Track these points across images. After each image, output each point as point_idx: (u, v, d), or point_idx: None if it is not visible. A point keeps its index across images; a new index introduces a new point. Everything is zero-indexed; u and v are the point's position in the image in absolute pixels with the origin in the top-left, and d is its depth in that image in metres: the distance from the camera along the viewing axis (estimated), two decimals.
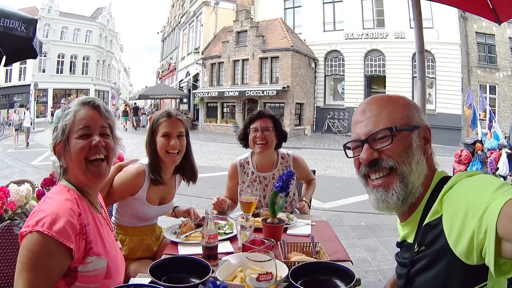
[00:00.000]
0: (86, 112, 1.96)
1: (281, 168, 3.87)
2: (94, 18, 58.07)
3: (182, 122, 3.14)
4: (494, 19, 4.19)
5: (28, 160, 16.22)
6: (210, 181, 3.77)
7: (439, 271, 1.40)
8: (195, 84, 38.07)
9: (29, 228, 1.65)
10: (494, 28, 27.16)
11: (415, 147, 1.56)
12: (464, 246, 1.29)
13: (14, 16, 4.57)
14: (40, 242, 1.62)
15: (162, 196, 3.21)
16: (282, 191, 2.94)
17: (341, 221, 7.70)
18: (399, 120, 1.58)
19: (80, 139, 1.91)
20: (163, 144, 3.01)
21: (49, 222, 1.65)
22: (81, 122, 1.93)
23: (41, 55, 5.60)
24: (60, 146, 1.92)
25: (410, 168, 1.54)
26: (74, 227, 1.73)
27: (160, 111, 3.21)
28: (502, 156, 11.02)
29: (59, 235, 1.64)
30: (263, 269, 1.64)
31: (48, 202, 1.80)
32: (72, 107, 1.97)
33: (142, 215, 3.13)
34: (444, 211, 1.41)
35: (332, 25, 33.52)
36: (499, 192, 1.22)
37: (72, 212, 1.75)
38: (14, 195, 3.38)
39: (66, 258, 1.70)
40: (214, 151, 20.78)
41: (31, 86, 42.41)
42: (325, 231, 3.12)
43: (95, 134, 1.94)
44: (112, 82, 64.73)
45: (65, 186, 1.92)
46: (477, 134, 13.63)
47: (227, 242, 2.77)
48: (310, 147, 24.44)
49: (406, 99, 1.66)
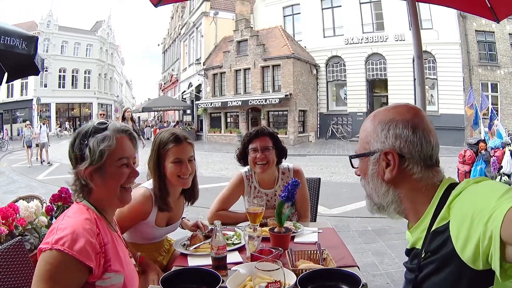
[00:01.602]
0: (125, 142, 2.02)
1: (282, 184, 3.78)
2: (93, 31, 58.48)
3: (192, 146, 3.08)
4: (492, 17, 4.22)
5: (34, 175, 16.28)
6: (216, 192, 3.79)
7: (446, 276, 1.42)
8: (198, 95, 38.14)
9: (49, 245, 1.68)
10: (494, 25, 27.08)
11: (370, 174, 1.67)
12: (470, 251, 1.31)
13: (15, 34, 4.57)
14: (60, 260, 1.66)
15: (170, 217, 3.18)
16: (288, 200, 2.96)
17: (348, 226, 7.71)
18: (361, 145, 1.71)
19: (120, 168, 1.96)
20: (175, 170, 2.93)
21: (70, 241, 1.69)
22: (122, 152, 1.98)
23: (43, 70, 5.60)
24: (92, 169, 1.91)
25: (371, 191, 1.70)
26: (94, 247, 1.77)
27: (166, 133, 3.07)
28: (505, 154, 10.96)
29: (80, 255, 1.68)
30: (271, 277, 1.68)
31: (68, 221, 1.82)
32: (111, 133, 1.97)
33: (149, 236, 3.13)
34: (452, 217, 1.43)
35: (331, 30, 33.56)
36: (504, 198, 1.25)
37: (91, 231, 1.79)
38: (23, 211, 3.42)
39: (85, 274, 1.75)
40: (219, 161, 20.78)
41: (33, 101, 42.60)
42: (332, 238, 3.15)
43: (131, 164, 2.03)
44: (115, 95, 64.99)
45: (84, 205, 1.94)
46: (480, 134, 13.60)
47: (236, 252, 2.79)
48: (315, 153, 24.40)
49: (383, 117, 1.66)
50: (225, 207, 3.80)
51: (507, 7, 4.19)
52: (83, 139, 1.95)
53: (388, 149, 1.59)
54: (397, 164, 1.57)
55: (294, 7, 35.89)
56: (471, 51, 28.22)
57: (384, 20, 30.58)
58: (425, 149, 1.57)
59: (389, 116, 1.63)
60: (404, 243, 1.76)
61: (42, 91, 47.85)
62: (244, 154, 3.79)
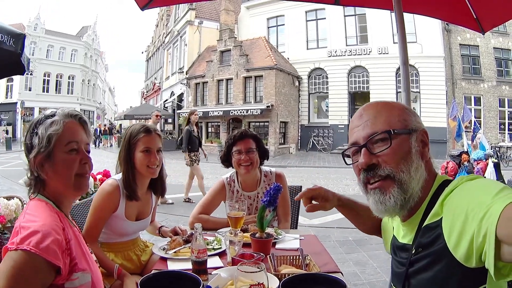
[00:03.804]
0: (74, 126, 1.91)
1: (264, 186, 3.85)
2: (79, 37, 58.27)
3: (160, 138, 3.20)
4: (478, 29, 4.27)
5: (16, 178, 16.09)
6: (196, 200, 3.74)
7: (437, 273, 1.41)
8: (180, 104, 38.09)
9: (14, 245, 1.58)
10: (478, 39, 27.78)
11: (413, 153, 1.55)
12: (463, 249, 1.30)
13: (2, 30, 4.54)
14: (25, 260, 1.56)
15: (139, 211, 3.21)
16: (270, 205, 2.92)
17: (329, 236, 7.70)
18: (396, 123, 1.58)
19: (69, 154, 1.84)
20: (144, 160, 3.04)
21: (36, 240, 1.59)
22: (70, 136, 1.86)
23: (28, 72, 5.56)
24: (42, 156, 1.81)
25: (409, 175, 1.53)
26: (61, 244, 1.67)
27: (136, 125, 3.20)
28: (488, 166, 11.11)
29: (47, 254, 1.58)
30: (254, 281, 1.64)
31: (30, 219, 1.71)
32: (59, 117, 1.87)
33: (121, 230, 3.13)
34: (444, 214, 1.42)
35: (315, 42, 33.90)
36: (499, 196, 1.23)
37: (57, 227, 1.70)
38: (3, 209, 3.40)
39: (51, 275, 1.64)
40: None
41: (17, 104, 42.23)
42: (314, 245, 3.11)
43: (82, 150, 1.90)
44: (98, 102, 64.71)
45: (42, 200, 1.83)
46: (463, 146, 13.77)
47: (216, 257, 2.74)
48: (295, 165, 24.42)
49: (402, 104, 1.68)
50: (206, 213, 3.79)
51: (492, 18, 4.24)
52: (33, 128, 1.87)
53: (423, 129, 1.61)
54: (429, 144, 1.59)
55: (278, 18, 36.16)
56: (455, 64, 28.80)
57: (368, 33, 31.00)
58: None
59: (402, 104, 1.68)
60: (386, 253, 1.72)
61: (27, 94, 47.48)
62: (228, 156, 3.82)
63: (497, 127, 28.89)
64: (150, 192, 3.33)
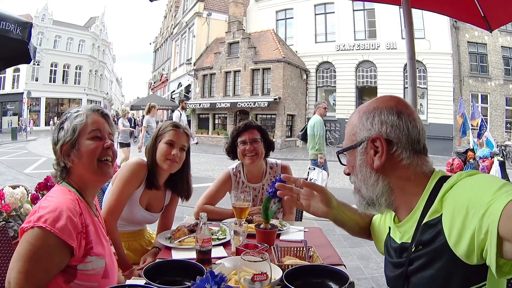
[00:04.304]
0: (97, 118, 2.05)
1: (269, 178, 3.86)
2: (87, 27, 58.19)
3: (188, 137, 3.23)
4: (485, 27, 4.25)
5: (21, 168, 16.20)
6: (202, 192, 3.77)
7: (437, 270, 1.40)
8: (187, 95, 38.04)
9: (31, 223, 1.67)
10: (486, 37, 27.52)
11: (358, 165, 1.64)
12: (464, 246, 1.29)
13: (10, 19, 4.56)
14: (41, 237, 1.64)
15: (149, 204, 3.22)
16: (275, 196, 2.93)
17: (334, 230, 7.66)
18: (347, 140, 1.70)
19: (92, 140, 1.98)
20: (165, 151, 3.06)
21: (52, 218, 1.68)
22: (94, 125, 2.02)
23: (35, 62, 5.55)
24: (67, 146, 1.95)
25: (360, 184, 1.66)
26: (76, 226, 1.76)
27: (169, 121, 3.28)
28: (494, 164, 11.03)
29: (62, 233, 1.67)
30: (258, 271, 1.65)
31: (50, 200, 1.81)
32: (83, 111, 2.04)
33: (129, 215, 3.12)
34: (444, 210, 1.40)
35: (323, 36, 33.74)
36: (501, 192, 1.22)
37: (74, 210, 1.78)
38: (9, 197, 3.40)
39: (67, 255, 1.72)
40: (205, 162, 20.63)
41: (24, 95, 42.35)
42: (318, 237, 3.12)
43: (105, 138, 2.04)
44: (105, 93, 64.69)
45: (64, 187, 1.94)
46: (469, 143, 13.69)
47: (221, 247, 2.76)
48: (302, 158, 24.33)
49: (367, 108, 1.66)
50: (211, 203, 3.80)
51: (500, 16, 4.22)
52: (61, 124, 2.02)
53: (375, 135, 1.57)
54: (385, 149, 1.55)
55: (287, 11, 36.02)
56: (463, 62, 28.54)
57: (376, 28, 30.83)
58: (412, 133, 1.55)
59: (372, 106, 1.64)
60: None
61: (33, 84, 47.53)
62: (233, 147, 3.84)
63: (503, 126, 28.76)
64: (165, 190, 3.34)
